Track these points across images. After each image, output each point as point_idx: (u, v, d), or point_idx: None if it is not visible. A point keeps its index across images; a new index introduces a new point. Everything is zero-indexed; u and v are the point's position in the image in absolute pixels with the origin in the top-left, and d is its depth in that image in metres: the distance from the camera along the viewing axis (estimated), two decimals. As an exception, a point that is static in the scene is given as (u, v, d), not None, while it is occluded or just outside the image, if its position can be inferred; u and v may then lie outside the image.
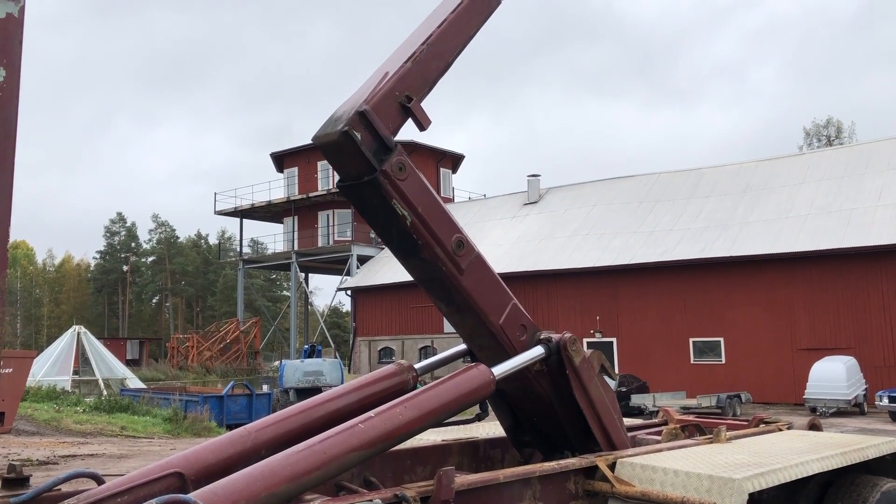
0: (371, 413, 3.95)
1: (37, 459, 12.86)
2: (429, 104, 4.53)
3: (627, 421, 7.19)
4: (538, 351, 4.79)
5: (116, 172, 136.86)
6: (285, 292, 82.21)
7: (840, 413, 23.04)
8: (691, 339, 30.33)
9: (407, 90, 4.37)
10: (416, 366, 5.05)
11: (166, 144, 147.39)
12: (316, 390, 27.57)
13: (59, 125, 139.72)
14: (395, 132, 4.33)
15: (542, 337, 4.90)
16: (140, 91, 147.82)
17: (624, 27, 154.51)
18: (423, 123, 4.48)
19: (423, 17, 4.95)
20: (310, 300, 59.76)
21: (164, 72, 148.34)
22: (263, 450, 4.01)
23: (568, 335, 4.87)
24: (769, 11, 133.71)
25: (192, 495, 3.16)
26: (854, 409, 23.45)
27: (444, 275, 4.53)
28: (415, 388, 4.69)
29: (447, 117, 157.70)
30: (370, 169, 4.21)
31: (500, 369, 4.59)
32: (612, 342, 32.41)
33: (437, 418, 4.26)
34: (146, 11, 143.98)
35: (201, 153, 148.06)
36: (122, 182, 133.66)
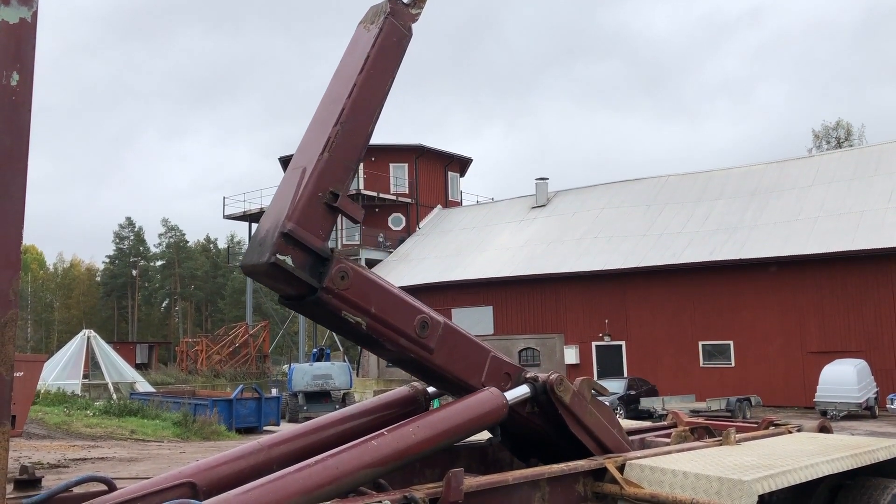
0: (384, 430, 3.97)
1: (47, 463, 12.94)
2: (442, 116, 4.23)
3: (636, 424, 7.18)
4: (523, 390, 4.68)
5: (141, 183, 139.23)
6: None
7: (851, 416, 22.92)
8: (700, 343, 30.24)
9: (330, 185, 3.97)
10: (430, 388, 5.05)
11: (191, 157, 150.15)
12: (325, 394, 27.64)
13: (90, 140, 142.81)
14: (328, 236, 4.00)
15: (527, 377, 4.81)
16: (169, 108, 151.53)
17: (633, 45, 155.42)
18: (355, 218, 4.12)
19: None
20: (318, 304, 59.79)
21: (192, 90, 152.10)
22: (275, 465, 4.04)
23: (554, 376, 4.73)
24: (773, 27, 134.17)
25: (204, 503, 3.19)
26: (865, 413, 23.33)
27: (414, 358, 4.41)
28: (427, 409, 4.72)
29: (461, 128, 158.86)
30: (310, 289, 3.92)
31: (512, 394, 4.59)
32: (620, 345, 32.35)
33: (450, 439, 4.26)
34: (176, 34, 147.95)
35: (225, 164, 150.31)
36: (144, 191, 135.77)
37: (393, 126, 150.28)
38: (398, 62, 4.36)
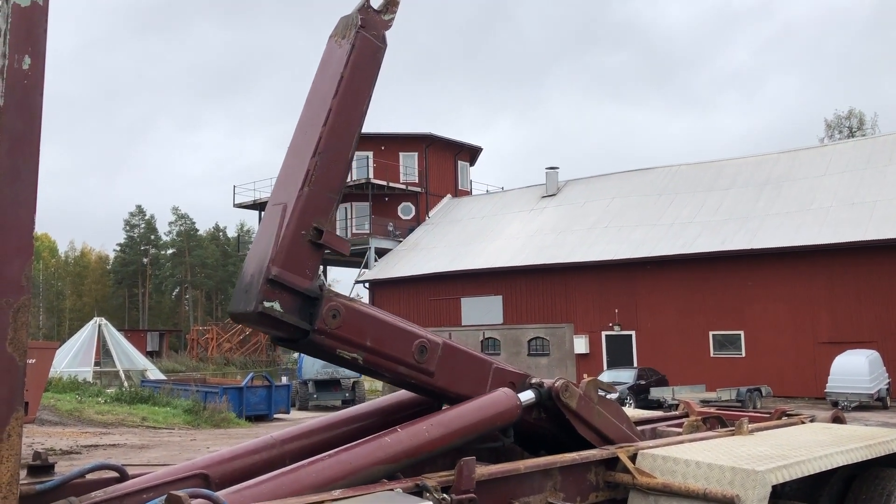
0: (397, 427, 3.99)
1: (60, 449, 13.04)
2: (453, 105, 4.08)
3: (647, 413, 7.15)
4: (528, 396, 4.65)
5: (154, 173, 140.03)
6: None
7: (862, 407, 22.80)
8: (711, 333, 30.14)
9: (313, 221, 3.82)
10: None
11: (205, 147, 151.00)
12: (335, 382, 27.72)
13: (105, 131, 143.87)
14: (315, 273, 3.84)
15: (532, 382, 4.78)
16: (184, 100, 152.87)
17: (644, 36, 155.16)
18: (342, 251, 4.02)
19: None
20: (328, 293, 59.86)
21: (207, 81, 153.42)
22: (288, 460, 4.04)
23: (559, 382, 4.69)
24: (783, 18, 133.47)
25: (219, 493, 3.19)
26: (876, 404, 23.21)
27: (415, 383, 4.39)
28: (440, 407, 4.72)
29: (471, 117, 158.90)
30: (302, 332, 3.83)
31: (524, 396, 4.58)
32: (630, 335, 32.29)
33: (462, 438, 4.25)
34: (192, 27, 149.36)
35: (238, 155, 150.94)
36: (157, 181, 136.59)
37: (403, 115, 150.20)
38: (374, 78, 4.10)
